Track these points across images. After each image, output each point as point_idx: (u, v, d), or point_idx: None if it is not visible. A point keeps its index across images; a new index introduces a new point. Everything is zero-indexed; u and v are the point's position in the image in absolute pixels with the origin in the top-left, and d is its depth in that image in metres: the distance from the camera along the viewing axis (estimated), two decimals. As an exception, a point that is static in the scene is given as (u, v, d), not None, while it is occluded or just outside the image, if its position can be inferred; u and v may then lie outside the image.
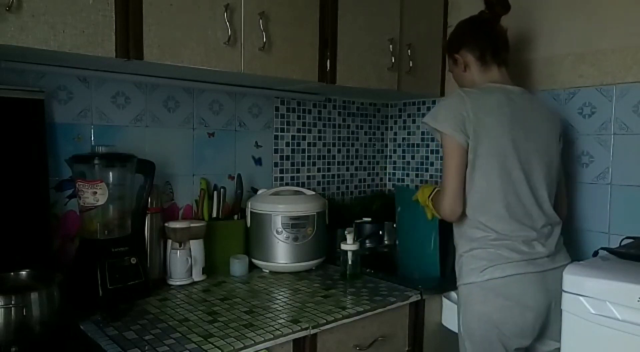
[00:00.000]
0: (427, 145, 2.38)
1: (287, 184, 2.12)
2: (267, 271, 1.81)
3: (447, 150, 1.45)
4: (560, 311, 1.37)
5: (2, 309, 1.06)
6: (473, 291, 1.45)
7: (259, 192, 1.91)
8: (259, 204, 1.81)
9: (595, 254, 1.53)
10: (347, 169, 2.38)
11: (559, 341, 1.38)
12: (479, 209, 1.45)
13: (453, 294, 1.70)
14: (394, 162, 2.53)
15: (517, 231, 1.44)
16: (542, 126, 1.55)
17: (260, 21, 1.55)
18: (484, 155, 1.43)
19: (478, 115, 1.43)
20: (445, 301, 1.71)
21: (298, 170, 2.18)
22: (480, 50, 1.56)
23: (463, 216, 1.47)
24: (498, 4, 1.58)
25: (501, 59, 1.58)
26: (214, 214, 1.80)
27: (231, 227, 1.82)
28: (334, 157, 2.31)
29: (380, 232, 2.23)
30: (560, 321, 1.37)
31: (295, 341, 1.32)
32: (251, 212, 1.83)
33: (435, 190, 1.60)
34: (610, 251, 1.49)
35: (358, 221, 2.09)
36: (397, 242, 1.97)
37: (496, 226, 1.44)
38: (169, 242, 1.65)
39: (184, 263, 1.63)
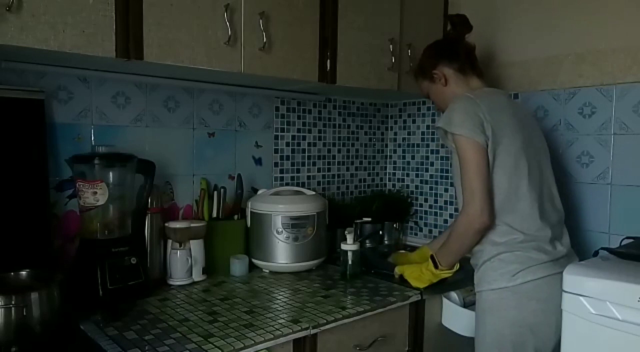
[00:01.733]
0: (427, 146, 2.38)
1: (287, 184, 2.12)
2: (267, 271, 1.81)
3: (468, 153, 1.41)
4: None
5: (2, 309, 1.06)
6: (504, 296, 1.42)
7: (259, 192, 1.91)
8: (259, 204, 1.81)
9: (595, 254, 1.53)
10: (347, 169, 2.37)
11: None
12: (503, 209, 1.43)
13: (453, 294, 1.70)
14: (394, 162, 2.52)
15: (541, 229, 1.44)
16: (536, 124, 1.60)
17: (260, 21, 1.55)
18: (503, 154, 1.43)
19: (493, 114, 1.43)
20: (445, 301, 1.71)
21: (298, 171, 2.18)
22: (459, 63, 1.59)
23: None
24: (460, 24, 1.64)
25: (479, 70, 1.61)
26: (214, 214, 1.80)
27: (231, 227, 1.82)
28: (334, 157, 2.31)
29: (380, 232, 2.23)
30: None
31: (295, 341, 1.32)
32: (251, 212, 1.82)
33: (432, 255, 1.56)
34: (610, 251, 1.49)
35: (358, 221, 2.09)
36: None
37: (522, 225, 1.43)
38: (169, 242, 1.65)
39: (184, 263, 1.63)
